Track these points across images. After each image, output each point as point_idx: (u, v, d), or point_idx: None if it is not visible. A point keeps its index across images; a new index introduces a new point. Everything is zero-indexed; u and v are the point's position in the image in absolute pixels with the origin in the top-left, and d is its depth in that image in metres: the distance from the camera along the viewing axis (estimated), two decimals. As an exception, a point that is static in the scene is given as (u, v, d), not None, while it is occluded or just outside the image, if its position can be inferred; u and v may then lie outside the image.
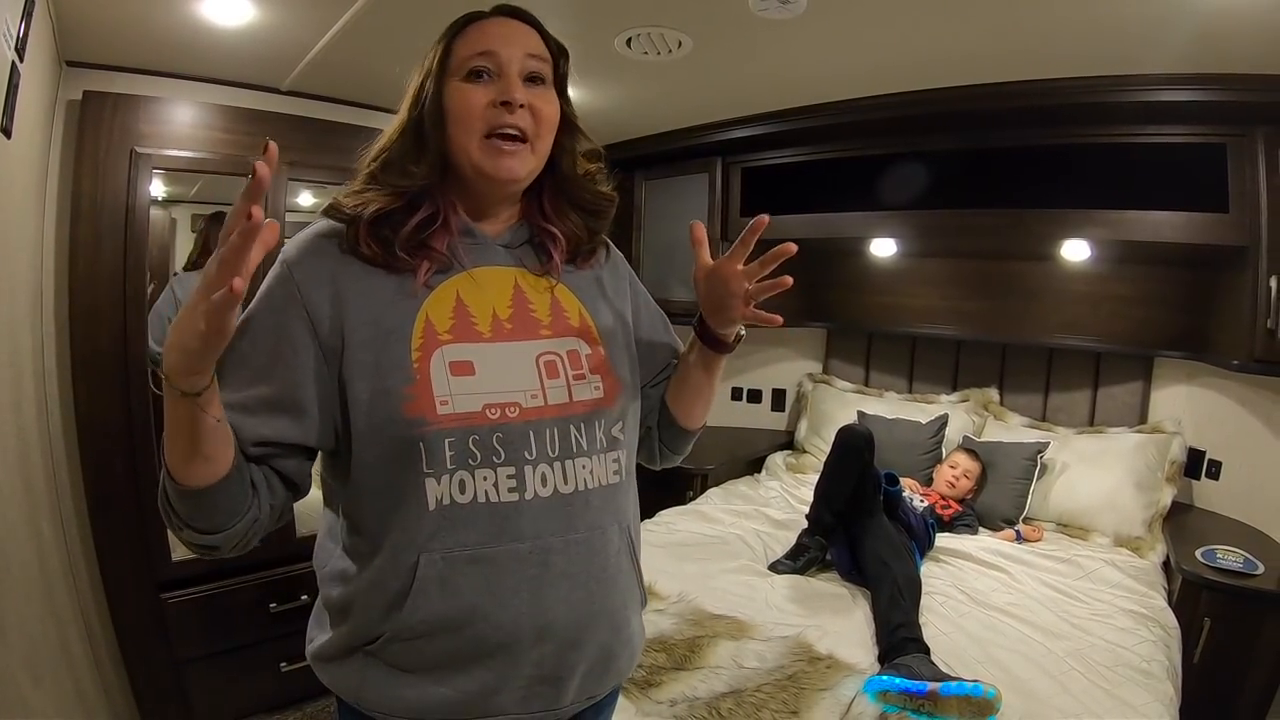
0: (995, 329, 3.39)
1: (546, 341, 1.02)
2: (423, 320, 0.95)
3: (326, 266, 0.94)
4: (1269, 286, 2.20)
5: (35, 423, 2.10)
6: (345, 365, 0.91)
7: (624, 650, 1.08)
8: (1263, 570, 2.19)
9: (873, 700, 1.74)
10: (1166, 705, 1.79)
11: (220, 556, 0.91)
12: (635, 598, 1.10)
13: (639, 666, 1.81)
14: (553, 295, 1.06)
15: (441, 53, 0.98)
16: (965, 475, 3.02)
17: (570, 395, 1.00)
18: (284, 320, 0.91)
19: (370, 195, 0.96)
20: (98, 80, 2.28)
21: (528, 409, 0.96)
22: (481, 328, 0.98)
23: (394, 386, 0.91)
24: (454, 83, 0.96)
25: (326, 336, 0.92)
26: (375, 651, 0.94)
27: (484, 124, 0.95)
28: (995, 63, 2.26)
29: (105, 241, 2.26)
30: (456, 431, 0.91)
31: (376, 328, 0.93)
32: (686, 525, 2.93)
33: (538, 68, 0.99)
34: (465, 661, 0.93)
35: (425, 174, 0.97)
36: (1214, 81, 2.13)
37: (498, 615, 0.93)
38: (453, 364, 0.94)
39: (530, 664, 0.95)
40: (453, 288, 0.99)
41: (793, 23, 2.03)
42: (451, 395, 0.92)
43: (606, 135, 3.55)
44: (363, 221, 0.94)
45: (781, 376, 4.17)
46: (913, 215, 3.01)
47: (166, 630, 2.40)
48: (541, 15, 1.04)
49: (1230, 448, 2.79)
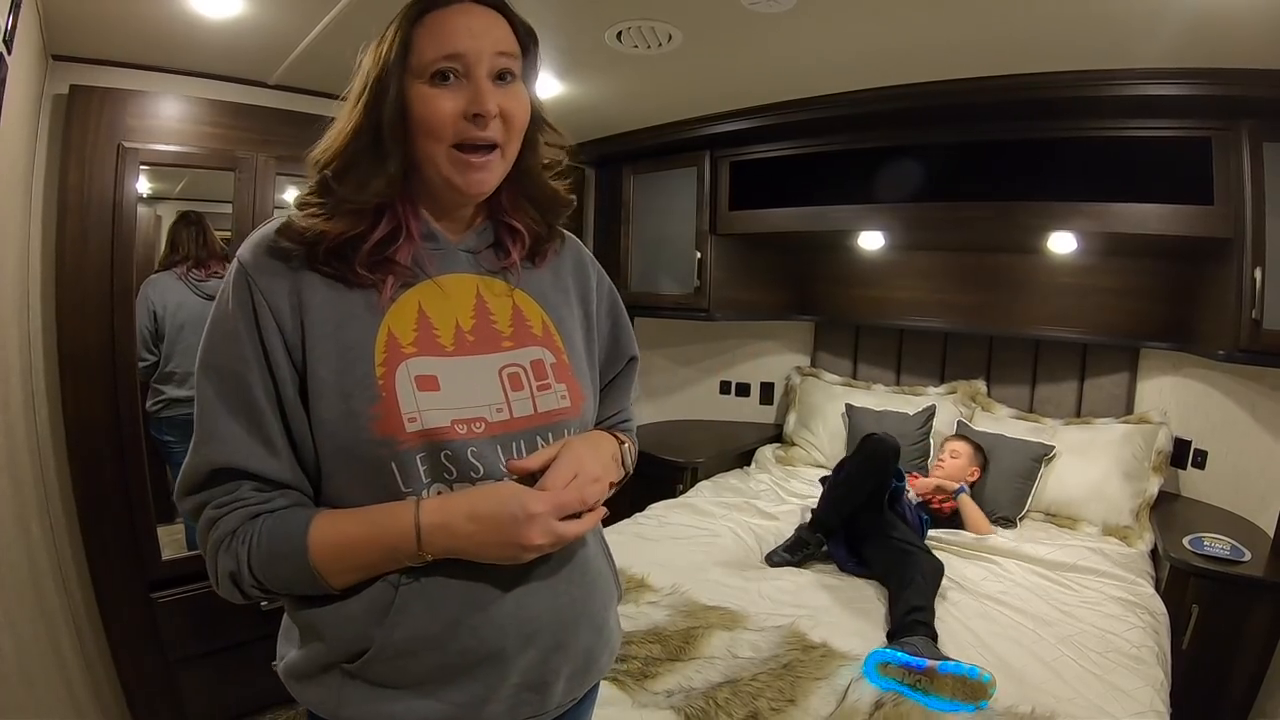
0: (982, 321, 3.42)
1: (508, 354, 0.98)
2: (385, 334, 0.90)
3: (286, 279, 0.89)
4: (1253, 278, 2.23)
5: (22, 420, 2.08)
6: (307, 382, 0.88)
7: (605, 649, 1.07)
8: (1249, 557, 2.22)
9: (873, 674, 1.78)
10: (1157, 690, 1.82)
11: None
12: (613, 596, 1.10)
13: (634, 658, 1.82)
14: (514, 303, 1.02)
15: (399, 44, 0.89)
16: (952, 455, 3.04)
17: (535, 406, 0.97)
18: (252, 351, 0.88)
19: (324, 218, 0.89)
20: (85, 74, 2.25)
21: (494, 424, 0.93)
22: (444, 340, 0.94)
23: (360, 407, 0.87)
24: (418, 86, 0.89)
25: (293, 350, 0.88)
26: (355, 671, 0.90)
27: (453, 135, 0.90)
28: (983, 57, 2.28)
29: (92, 237, 2.23)
30: (426, 448, 0.88)
31: (337, 344, 0.89)
32: (677, 518, 2.94)
33: (507, 64, 0.92)
34: (452, 674, 0.91)
35: (384, 187, 0.91)
36: (1200, 76, 2.15)
37: (483, 626, 0.91)
38: (418, 378, 0.90)
39: (517, 672, 0.93)
40: (414, 298, 0.94)
41: (783, 16, 2.03)
42: (420, 411, 0.88)
43: (595, 129, 3.55)
44: (321, 247, 0.89)
45: (769, 370, 4.18)
46: (900, 208, 3.02)
47: (157, 630, 2.38)
48: (532, 9, 1.01)
49: (1216, 437, 2.82)
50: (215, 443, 0.86)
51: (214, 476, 0.87)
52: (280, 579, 0.87)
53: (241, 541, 0.86)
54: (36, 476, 2.18)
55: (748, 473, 3.66)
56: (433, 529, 0.84)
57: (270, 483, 0.89)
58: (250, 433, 0.87)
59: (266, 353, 0.87)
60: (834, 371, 3.97)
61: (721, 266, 3.51)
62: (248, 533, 0.86)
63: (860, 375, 3.92)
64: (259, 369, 0.87)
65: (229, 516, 0.87)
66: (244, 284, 0.88)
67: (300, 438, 0.90)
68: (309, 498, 0.92)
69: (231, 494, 0.87)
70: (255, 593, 0.88)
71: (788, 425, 3.92)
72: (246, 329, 0.87)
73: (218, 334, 0.89)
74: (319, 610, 0.91)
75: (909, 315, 3.64)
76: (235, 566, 0.86)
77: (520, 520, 0.84)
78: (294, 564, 0.85)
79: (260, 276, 0.88)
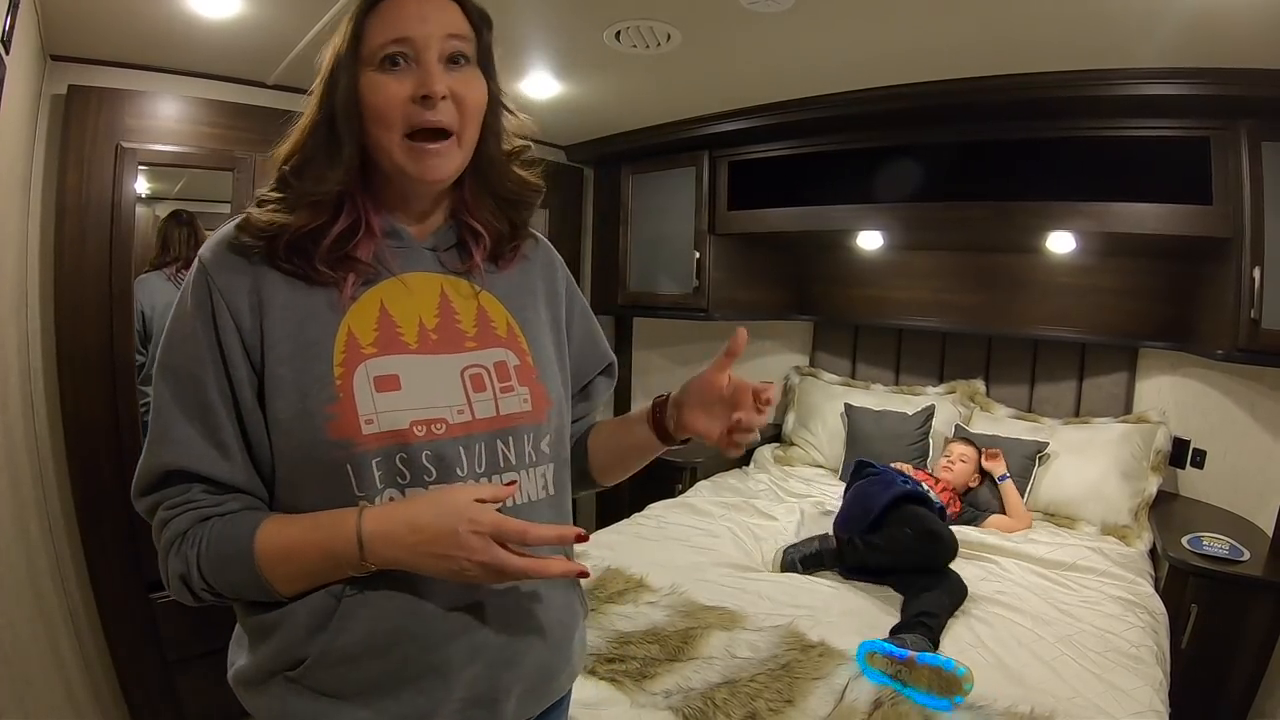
0: (981, 321, 3.42)
1: (471, 354, 0.96)
2: (345, 334, 0.89)
3: (246, 277, 0.88)
4: (1252, 277, 2.23)
5: (21, 421, 2.08)
6: (265, 381, 0.87)
7: (564, 669, 1.05)
8: (1248, 556, 2.22)
9: (862, 663, 1.80)
10: (1156, 689, 1.82)
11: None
12: (576, 613, 1.07)
13: (632, 659, 1.82)
14: (479, 304, 1.00)
15: (351, 34, 0.88)
16: (961, 459, 3.02)
17: (497, 409, 0.95)
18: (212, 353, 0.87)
19: (284, 211, 0.88)
20: (83, 74, 2.25)
21: (454, 425, 0.91)
22: (408, 339, 0.92)
23: (316, 407, 0.85)
24: (368, 73, 0.88)
25: (251, 350, 0.87)
26: (297, 678, 0.88)
27: (404, 121, 0.88)
28: (982, 57, 2.28)
29: (91, 238, 2.24)
30: (383, 451, 0.87)
31: (296, 343, 0.87)
32: (676, 518, 2.94)
33: (459, 47, 0.90)
34: (395, 685, 0.89)
35: (341, 178, 0.89)
36: (1199, 75, 2.15)
37: (425, 636, 0.89)
38: (377, 379, 0.88)
39: (462, 685, 0.91)
40: (377, 296, 0.92)
41: (781, 16, 2.03)
42: (377, 413, 0.87)
43: (594, 129, 3.55)
44: (281, 241, 0.88)
45: (768, 369, 4.18)
46: (899, 208, 3.02)
47: (156, 630, 2.38)
48: (531, 8, 0.99)
49: (1214, 436, 2.82)
50: (168, 444, 0.86)
51: (167, 478, 0.87)
52: (229, 583, 0.86)
53: (191, 544, 0.85)
54: (35, 477, 2.18)
55: (747, 472, 3.66)
56: (374, 537, 0.82)
57: (222, 486, 0.88)
58: (204, 435, 0.86)
59: (223, 353, 0.86)
60: (833, 371, 3.97)
61: (720, 266, 3.50)
62: (197, 535, 0.85)
63: (859, 375, 3.92)
64: (215, 370, 0.86)
65: (180, 518, 0.86)
66: (203, 283, 0.87)
67: (257, 440, 0.88)
68: (263, 502, 0.91)
69: (184, 495, 0.87)
70: (206, 596, 0.87)
71: (786, 425, 3.92)
72: (204, 329, 0.86)
73: (176, 334, 0.88)
74: (266, 616, 0.89)
75: (908, 315, 3.64)
76: (185, 569, 0.85)
77: (461, 534, 0.81)
78: (241, 568, 0.84)
79: (219, 275, 0.87)
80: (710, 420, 1.01)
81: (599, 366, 1.21)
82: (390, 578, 0.86)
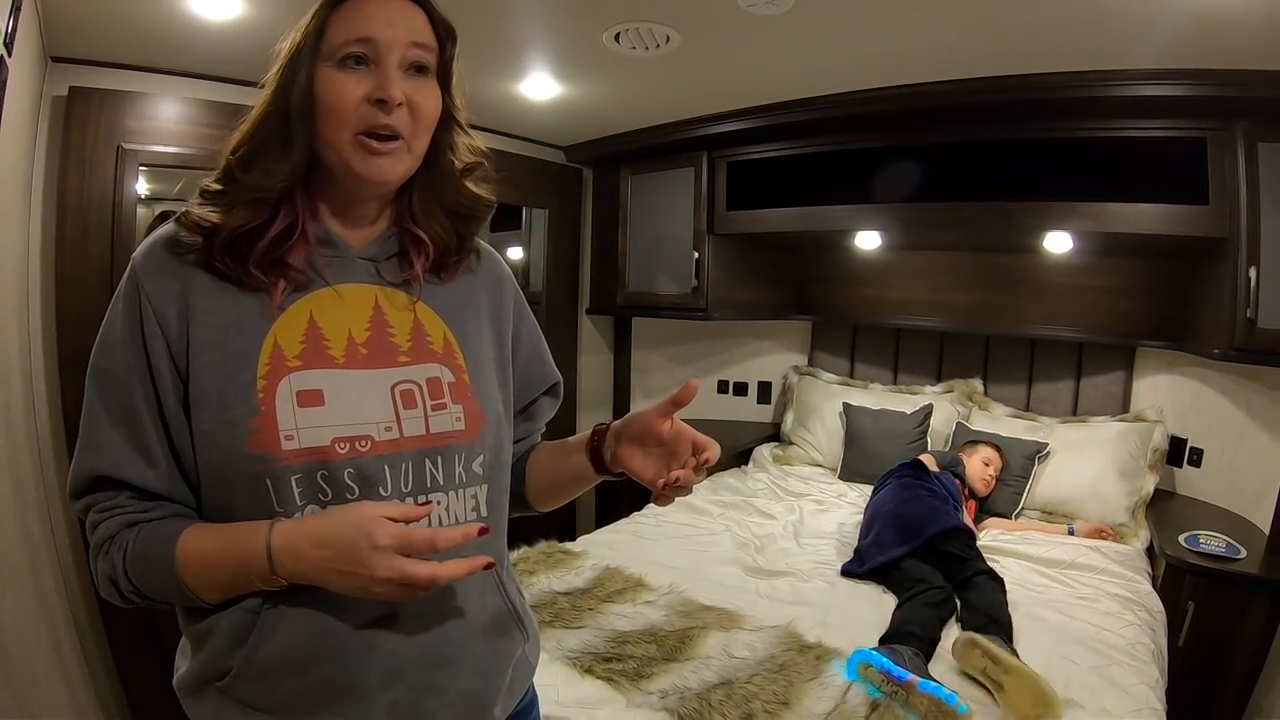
0: (979, 320, 3.42)
1: (404, 369, 0.93)
2: (271, 345, 0.86)
3: (176, 282, 0.86)
4: (1248, 277, 2.24)
5: (23, 422, 2.08)
6: (190, 390, 0.85)
7: (497, 697, 1.00)
8: (1245, 555, 2.23)
9: (853, 672, 1.77)
10: (1152, 687, 1.82)
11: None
12: (513, 639, 1.02)
13: (630, 658, 1.82)
14: (415, 316, 0.96)
15: (314, 29, 0.87)
16: (987, 463, 2.97)
17: (427, 427, 0.92)
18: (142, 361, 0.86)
19: (223, 209, 0.86)
20: (84, 76, 2.26)
21: (380, 442, 0.88)
22: (335, 352, 0.90)
23: (238, 419, 0.83)
24: (326, 69, 0.86)
25: (177, 357, 0.85)
26: (225, 689, 0.87)
27: (357, 121, 0.86)
28: (980, 58, 2.29)
29: (92, 239, 2.25)
30: (303, 468, 0.84)
31: (222, 352, 0.85)
32: (675, 517, 2.94)
33: (421, 56, 0.89)
34: (314, 703, 0.87)
35: (288, 173, 0.87)
36: (1195, 76, 2.16)
37: (339, 655, 0.87)
38: (300, 394, 0.86)
39: (381, 709, 0.88)
40: (306, 307, 0.90)
41: (780, 18, 2.04)
42: (298, 429, 0.84)
43: (593, 130, 3.56)
44: (218, 240, 0.85)
45: (767, 369, 4.19)
46: (897, 208, 3.03)
47: (159, 631, 2.38)
48: (531, 10, 0.98)
49: (1211, 435, 2.83)
50: (96, 450, 0.86)
51: (96, 483, 0.87)
52: (154, 588, 0.85)
53: (118, 548, 0.85)
54: (37, 477, 2.19)
55: (745, 472, 3.67)
56: (282, 552, 0.80)
57: (148, 493, 0.87)
58: (130, 442, 0.85)
59: (150, 361, 0.85)
60: (831, 371, 3.97)
61: (719, 266, 3.51)
62: (124, 540, 0.85)
63: (858, 374, 3.92)
64: (141, 377, 0.85)
65: (108, 523, 0.86)
66: (133, 288, 0.86)
67: (182, 448, 0.87)
68: (192, 509, 0.90)
69: (113, 501, 0.87)
70: (135, 598, 0.87)
71: (785, 424, 3.93)
72: (131, 335, 0.85)
73: (106, 339, 0.88)
74: (200, 625, 0.89)
75: (906, 315, 3.64)
76: (112, 571, 0.85)
77: (363, 549, 0.78)
78: (163, 575, 0.83)
79: (148, 280, 0.86)
80: (646, 461, 0.97)
81: (543, 386, 1.17)
82: (307, 594, 0.84)
